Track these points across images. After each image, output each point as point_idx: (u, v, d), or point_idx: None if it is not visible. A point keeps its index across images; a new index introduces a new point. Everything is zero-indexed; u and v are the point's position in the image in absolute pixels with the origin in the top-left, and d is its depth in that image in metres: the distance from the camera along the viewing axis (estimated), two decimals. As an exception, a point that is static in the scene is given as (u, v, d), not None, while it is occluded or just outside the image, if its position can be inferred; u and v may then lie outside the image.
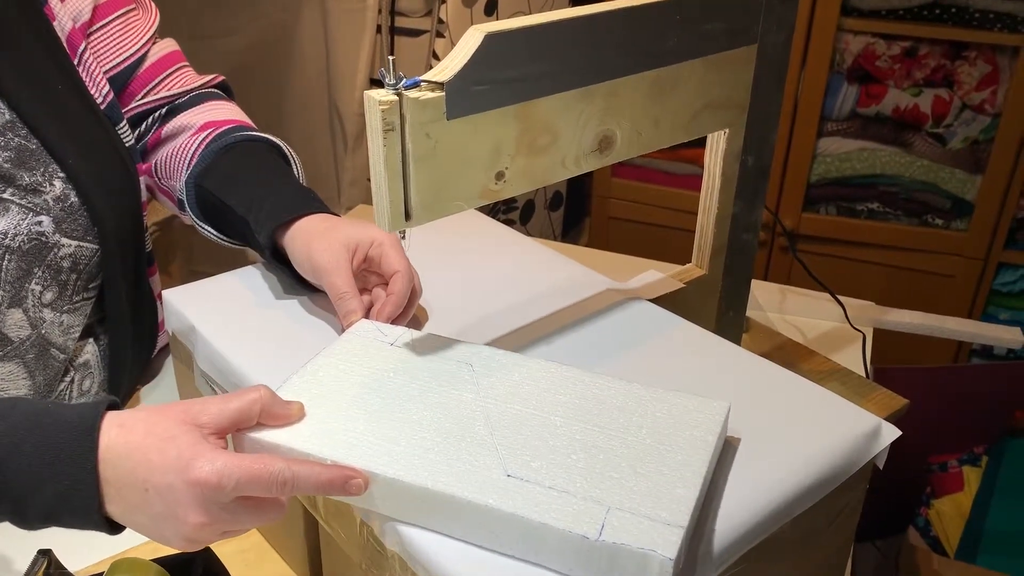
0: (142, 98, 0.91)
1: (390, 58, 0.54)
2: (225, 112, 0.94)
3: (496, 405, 0.59)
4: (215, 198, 0.84)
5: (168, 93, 0.92)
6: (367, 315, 0.71)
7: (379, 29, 1.77)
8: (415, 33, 1.76)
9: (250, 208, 0.80)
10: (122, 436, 0.54)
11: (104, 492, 0.53)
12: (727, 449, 0.59)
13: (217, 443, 0.54)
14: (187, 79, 0.95)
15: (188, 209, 0.89)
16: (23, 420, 0.55)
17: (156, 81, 0.92)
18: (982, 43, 1.73)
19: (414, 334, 0.67)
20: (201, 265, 1.96)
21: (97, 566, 0.66)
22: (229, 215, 0.82)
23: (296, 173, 0.89)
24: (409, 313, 0.73)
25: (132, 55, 0.89)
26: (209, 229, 0.88)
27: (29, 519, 0.55)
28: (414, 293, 0.73)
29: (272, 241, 0.77)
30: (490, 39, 0.56)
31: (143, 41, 0.90)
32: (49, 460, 0.53)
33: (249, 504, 0.53)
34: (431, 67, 0.57)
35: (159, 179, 0.93)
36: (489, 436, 0.56)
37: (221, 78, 0.98)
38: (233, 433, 0.57)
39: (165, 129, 0.92)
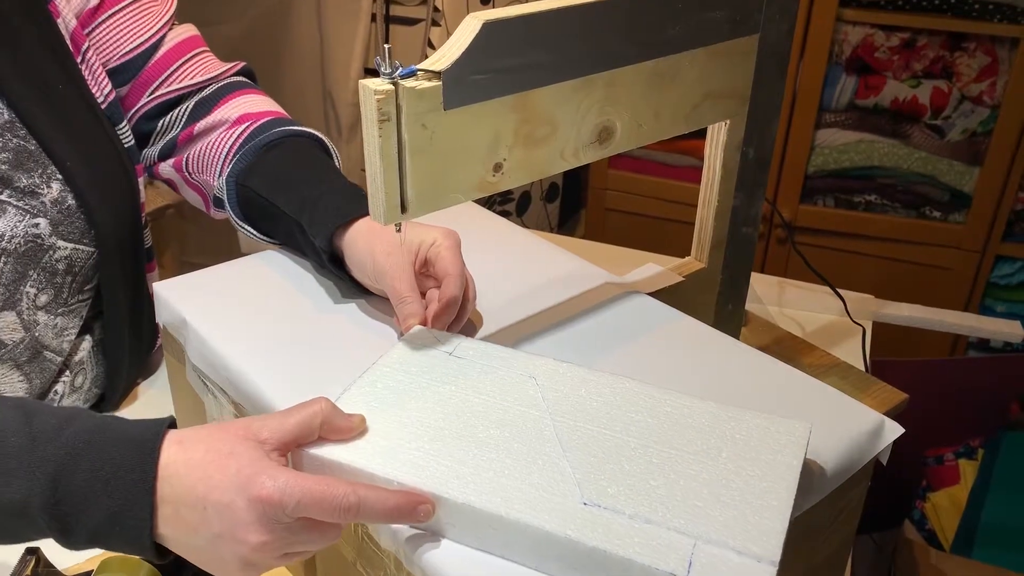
0: (158, 87, 0.88)
1: (386, 46, 0.53)
2: (260, 104, 0.90)
3: (566, 423, 0.56)
4: (261, 198, 0.80)
5: (190, 82, 0.89)
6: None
7: (374, 17, 1.75)
8: (410, 22, 1.74)
9: (302, 209, 0.76)
10: (182, 453, 0.51)
11: (160, 513, 0.51)
12: (805, 471, 0.55)
13: (279, 460, 0.52)
14: (208, 65, 0.91)
15: (228, 208, 0.86)
16: (82, 433, 0.52)
17: (174, 67, 0.88)
18: (981, 34, 1.72)
19: (472, 343, 0.64)
20: (194, 256, 1.95)
21: (86, 563, 0.65)
22: (278, 216, 0.79)
23: (338, 167, 0.86)
24: (463, 319, 0.70)
25: (146, 41, 0.86)
26: (249, 229, 0.85)
27: (75, 538, 0.52)
28: (467, 298, 0.69)
29: (330, 244, 0.74)
30: (488, 27, 0.55)
31: (158, 27, 0.87)
32: (105, 477, 0.51)
33: (310, 525, 0.50)
34: (426, 56, 0.56)
35: (189, 174, 0.90)
36: (562, 458, 0.53)
37: (243, 64, 0.94)
38: (292, 450, 0.54)
39: (199, 125, 0.88)
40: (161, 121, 0.89)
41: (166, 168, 0.91)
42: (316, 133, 0.88)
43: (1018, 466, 1.59)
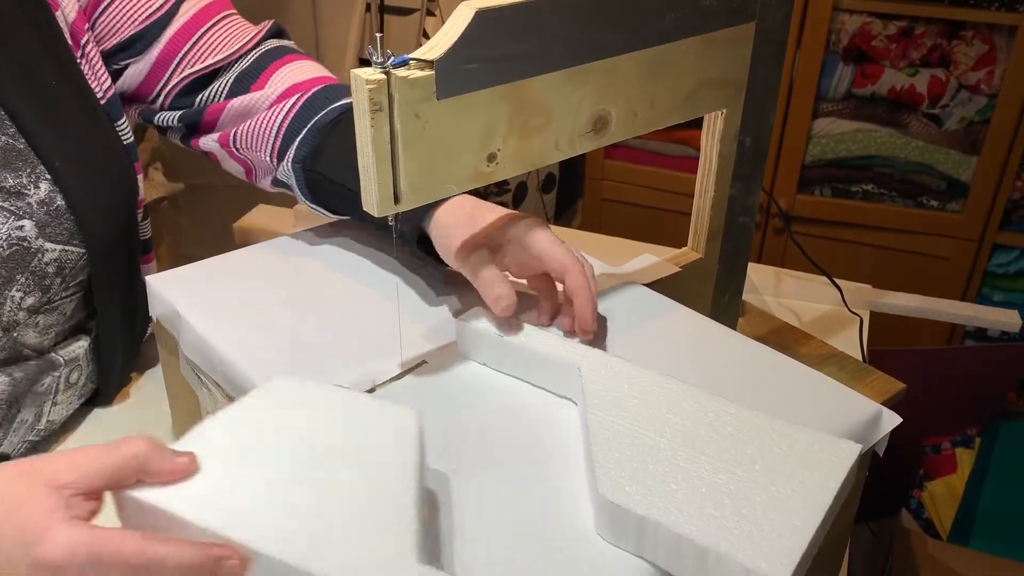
0: (182, 60, 0.84)
1: (377, 35, 0.52)
2: (306, 70, 0.85)
3: (599, 416, 0.55)
4: (335, 184, 0.77)
5: (221, 55, 0.84)
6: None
7: (368, 7, 1.74)
8: (405, 12, 1.73)
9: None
10: None
11: None
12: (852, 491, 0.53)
13: (83, 505, 0.46)
14: (236, 32, 0.85)
15: (298, 193, 0.83)
16: None
17: (197, 36, 0.84)
18: (979, 22, 1.71)
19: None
20: (189, 249, 1.94)
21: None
22: (352, 199, 0.73)
23: None
24: (588, 307, 0.65)
25: (158, 10, 0.83)
26: (322, 211, 0.82)
27: None
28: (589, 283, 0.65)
29: (416, 227, 0.71)
30: (481, 16, 0.54)
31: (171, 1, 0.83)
32: None
33: None
34: (421, 46, 0.55)
35: (237, 149, 0.86)
36: (414, 508, 0.48)
37: (272, 22, 0.89)
38: (113, 492, 0.49)
39: (241, 100, 0.84)
40: (200, 95, 0.86)
41: (208, 142, 0.87)
42: None
43: (1015, 455, 1.59)
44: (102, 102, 0.81)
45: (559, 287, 0.68)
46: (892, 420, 0.62)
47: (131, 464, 0.48)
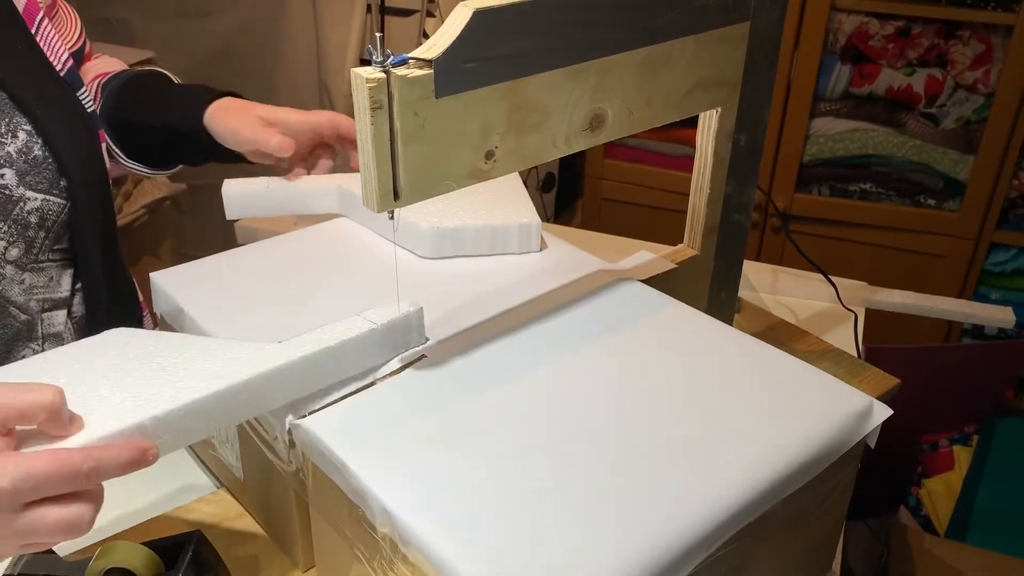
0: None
1: (377, 35, 0.53)
2: (105, 64, 0.99)
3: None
4: (132, 127, 0.92)
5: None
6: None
7: (369, 8, 1.75)
8: (405, 13, 1.75)
9: (166, 118, 0.89)
10: None
11: None
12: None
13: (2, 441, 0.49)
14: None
15: (115, 150, 0.95)
16: None
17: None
18: (976, 22, 1.72)
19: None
20: (190, 248, 1.95)
21: (86, 549, 0.66)
22: (151, 135, 0.91)
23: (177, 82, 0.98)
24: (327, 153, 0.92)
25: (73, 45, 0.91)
26: (136, 165, 0.96)
27: None
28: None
29: (199, 126, 0.87)
30: (479, 16, 0.55)
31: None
32: None
33: (48, 505, 0.48)
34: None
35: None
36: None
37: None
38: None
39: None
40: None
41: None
42: (159, 70, 0.99)
43: (1012, 452, 1.60)
44: (62, 74, 0.84)
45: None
46: (883, 412, 0.63)
47: (33, 411, 0.50)
